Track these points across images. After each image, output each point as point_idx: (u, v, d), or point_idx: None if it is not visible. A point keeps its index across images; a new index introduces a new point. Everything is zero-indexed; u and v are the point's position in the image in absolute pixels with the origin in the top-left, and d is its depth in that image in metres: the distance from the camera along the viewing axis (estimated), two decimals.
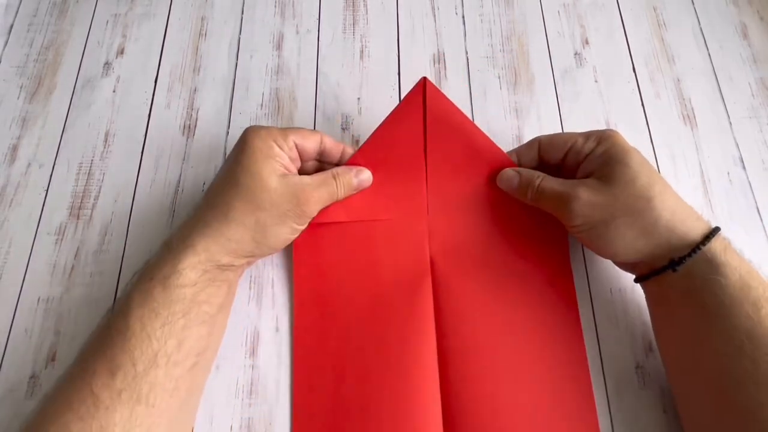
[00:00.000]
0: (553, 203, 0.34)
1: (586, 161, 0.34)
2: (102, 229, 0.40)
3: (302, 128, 0.36)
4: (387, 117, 0.36)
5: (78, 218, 0.40)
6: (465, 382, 0.34)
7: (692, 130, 0.44)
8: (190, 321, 0.30)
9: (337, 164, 0.37)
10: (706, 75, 0.46)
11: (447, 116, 0.36)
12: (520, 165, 0.38)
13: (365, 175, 0.37)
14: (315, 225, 0.37)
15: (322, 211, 0.36)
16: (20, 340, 0.36)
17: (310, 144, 0.35)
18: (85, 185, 0.41)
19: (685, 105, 0.45)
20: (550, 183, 0.35)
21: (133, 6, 0.49)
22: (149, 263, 0.32)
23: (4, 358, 0.36)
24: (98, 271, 0.38)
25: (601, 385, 0.36)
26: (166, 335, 0.29)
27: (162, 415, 0.28)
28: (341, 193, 0.36)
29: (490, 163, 0.38)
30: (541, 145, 0.37)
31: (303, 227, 0.35)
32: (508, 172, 0.37)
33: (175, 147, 0.43)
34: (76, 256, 0.39)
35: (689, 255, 0.30)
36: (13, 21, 0.48)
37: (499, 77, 0.46)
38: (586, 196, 0.32)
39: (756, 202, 0.41)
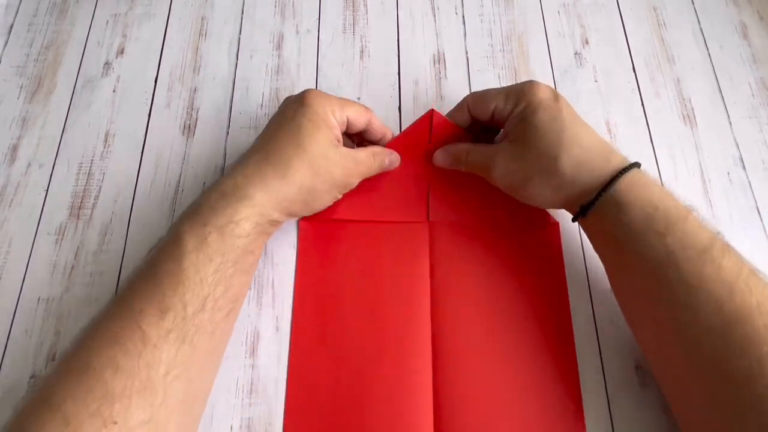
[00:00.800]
0: (480, 172, 0.37)
1: (507, 122, 0.36)
2: (102, 229, 0.40)
3: (356, 102, 0.37)
4: (399, 134, 0.39)
5: (78, 218, 0.40)
6: (458, 385, 0.35)
7: (692, 129, 0.44)
8: (237, 270, 0.31)
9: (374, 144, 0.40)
10: (706, 75, 0.46)
11: (451, 138, 0.39)
12: None
13: (394, 157, 0.39)
14: (319, 224, 0.38)
15: (329, 207, 0.37)
16: (20, 340, 0.36)
17: (361, 121, 0.37)
18: (85, 185, 0.41)
19: (685, 105, 0.45)
20: (474, 156, 0.37)
21: (133, 6, 0.49)
22: (200, 205, 0.32)
23: (4, 358, 0.36)
24: (98, 271, 0.38)
25: (601, 385, 0.36)
26: (216, 281, 0.30)
27: (199, 357, 0.29)
28: (375, 170, 0.38)
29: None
30: (469, 106, 0.38)
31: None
32: (440, 153, 0.39)
33: (175, 147, 0.43)
34: (76, 256, 0.39)
35: (592, 203, 0.32)
36: (13, 21, 0.48)
37: (499, 77, 0.46)
38: (501, 164, 0.35)
39: (756, 202, 0.41)
